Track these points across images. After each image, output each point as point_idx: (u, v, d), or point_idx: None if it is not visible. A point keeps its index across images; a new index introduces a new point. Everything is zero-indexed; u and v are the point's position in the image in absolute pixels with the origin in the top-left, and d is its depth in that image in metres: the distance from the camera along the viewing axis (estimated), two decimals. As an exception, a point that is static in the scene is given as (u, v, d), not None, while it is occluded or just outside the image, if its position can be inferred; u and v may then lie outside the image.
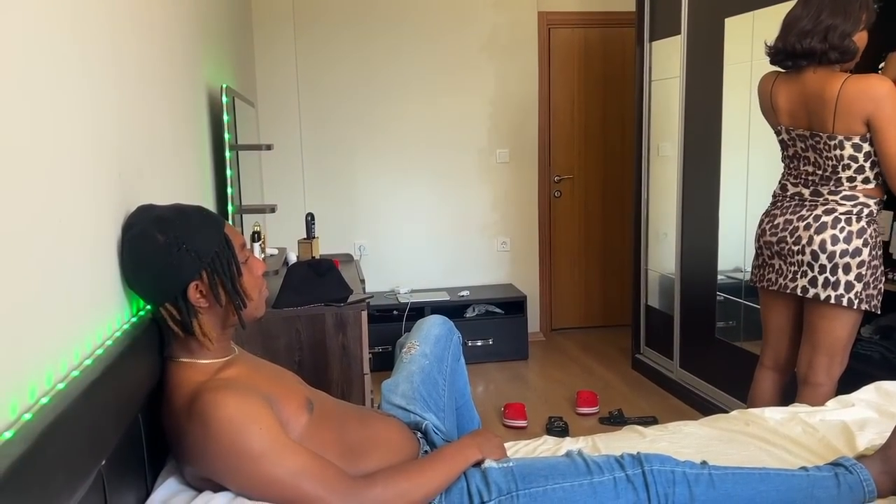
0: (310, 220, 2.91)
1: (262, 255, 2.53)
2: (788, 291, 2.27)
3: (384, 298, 4.34)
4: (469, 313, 4.34)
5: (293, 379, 1.46)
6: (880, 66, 2.53)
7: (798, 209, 2.26)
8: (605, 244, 4.95)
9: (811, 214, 2.21)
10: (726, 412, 3.22)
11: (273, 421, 1.23)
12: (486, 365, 4.26)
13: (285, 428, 1.26)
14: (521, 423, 3.34)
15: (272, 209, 2.52)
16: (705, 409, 3.41)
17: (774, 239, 2.30)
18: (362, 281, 2.96)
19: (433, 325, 1.84)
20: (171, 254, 1.25)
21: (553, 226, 4.86)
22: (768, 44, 2.27)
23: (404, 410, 1.62)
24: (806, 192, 2.26)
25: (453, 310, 4.31)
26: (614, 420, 3.35)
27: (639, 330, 4.13)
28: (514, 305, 4.38)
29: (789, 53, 2.19)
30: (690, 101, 3.46)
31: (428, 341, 1.79)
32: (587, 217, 4.91)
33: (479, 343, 4.28)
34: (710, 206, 3.34)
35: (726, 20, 3.13)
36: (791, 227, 2.25)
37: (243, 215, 2.49)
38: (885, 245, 2.55)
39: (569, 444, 1.72)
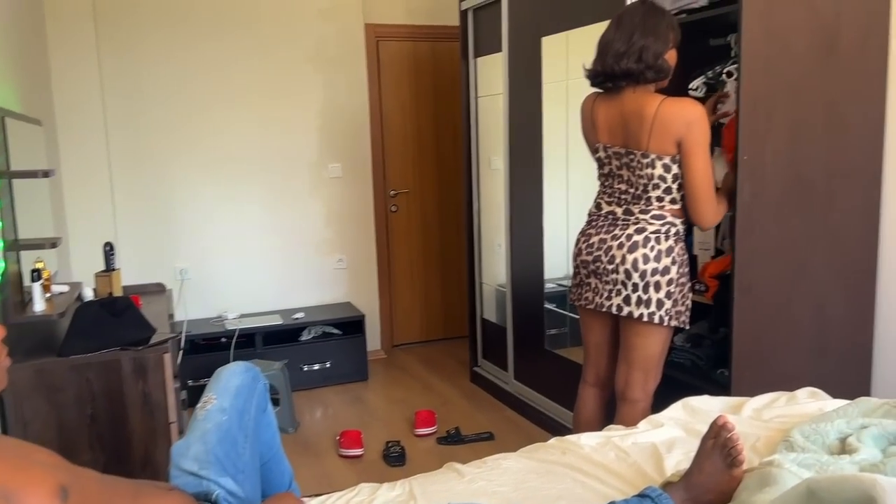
0: (108, 250, 2.62)
1: (48, 295, 2.23)
2: (604, 310, 2.31)
3: (210, 326, 4.05)
4: (305, 336, 4.15)
5: (46, 460, 1.23)
6: (691, 87, 2.66)
7: (612, 228, 2.31)
8: (443, 257, 4.94)
9: (623, 233, 2.26)
10: (557, 422, 3.30)
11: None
12: (324, 389, 4.10)
13: (28, 527, 1.05)
14: (357, 451, 3.21)
15: (53, 244, 2.23)
16: (538, 420, 3.46)
17: (590, 258, 2.33)
18: (171, 316, 2.71)
19: (233, 375, 1.67)
20: None
21: (391, 241, 4.79)
22: (586, 66, 2.30)
23: (196, 477, 1.44)
24: (619, 210, 2.32)
25: (287, 333, 4.11)
26: (451, 440, 3.31)
27: (476, 343, 4.14)
28: (352, 325, 4.25)
29: (609, 75, 2.23)
30: (514, 117, 3.50)
31: (226, 393, 1.61)
32: (424, 231, 4.88)
33: (315, 367, 4.11)
34: (536, 218, 3.39)
35: (543, 39, 3.19)
36: (605, 247, 2.29)
37: (20, 252, 2.18)
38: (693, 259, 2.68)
39: (384, 493, 1.61)
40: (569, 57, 3.05)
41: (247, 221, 4.28)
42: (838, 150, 2.41)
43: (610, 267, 2.26)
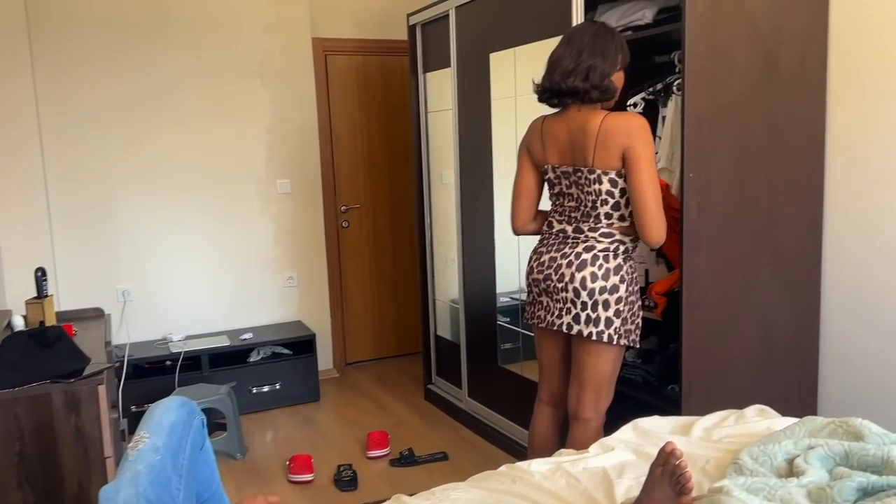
0: (40, 275, 2.50)
1: (-28, 326, 2.10)
2: (556, 328, 2.29)
3: (154, 349, 3.91)
4: (253, 357, 4.05)
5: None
6: (629, 103, 2.68)
7: (562, 246, 2.29)
8: (396, 272, 4.89)
9: (573, 252, 2.25)
10: (512, 440, 3.27)
11: None
12: (274, 412, 3.99)
13: None
14: (308, 476, 3.12)
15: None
16: (493, 438, 3.43)
17: (541, 276, 2.31)
18: (108, 343, 2.60)
19: (167, 411, 1.59)
20: None
21: (343, 257, 4.71)
22: (535, 82, 2.29)
23: (125, 523, 1.36)
24: (569, 228, 2.30)
25: (235, 355, 4.00)
26: (404, 461, 3.25)
27: (430, 360, 4.09)
28: (302, 344, 4.15)
29: (555, 91, 2.22)
30: (464, 132, 3.48)
31: (160, 431, 1.53)
32: (377, 246, 4.82)
33: (265, 389, 4.00)
34: (487, 233, 3.37)
35: (491, 55, 3.17)
36: (556, 265, 2.27)
37: (-60, 281, 2.06)
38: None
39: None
40: (517, 73, 3.04)
41: (192, 240, 4.16)
42: (780, 166, 2.45)
43: (560, 285, 2.24)
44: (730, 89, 2.32)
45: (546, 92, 2.26)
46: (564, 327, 2.25)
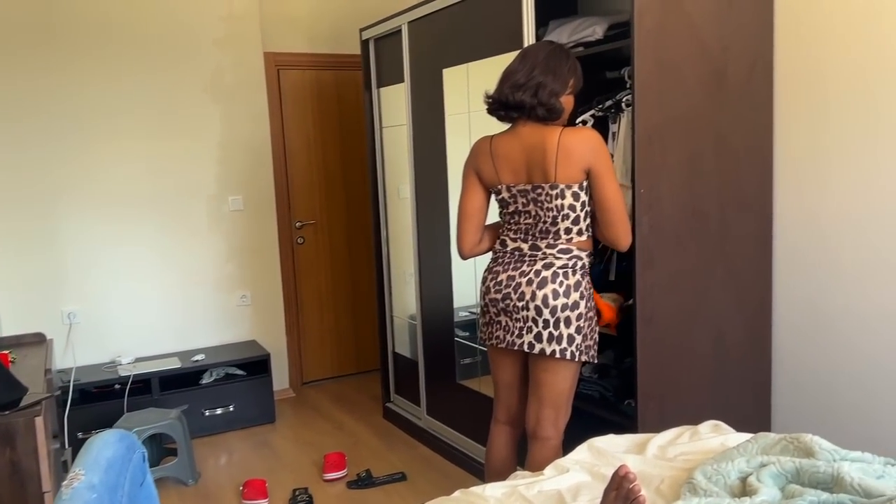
0: (-26, 302, 2.38)
1: None
2: (516, 348, 2.26)
3: (102, 372, 3.78)
4: (206, 379, 3.94)
5: None
6: (578, 120, 2.68)
7: (519, 264, 2.27)
8: (353, 288, 4.83)
9: (532, 269, 2.23)
10: (470, 458, 3.23)
11: None
12: (227, 435, 3.89)
13: None
14: (262, 502, 3.04)
15: None
16: (452, 456, 3.39)
17: (499, 296, 2.28)
18: (48, 370, 2.49)
19: (105, 446, 1.51)
20: None
21: (298, 274, 4.64)
22: (488, 94, 2.28)
23: (57, 568, 1.29)
24: (525, 246, 2.28)
25: (187, 377, 3.89)
26: (362, 483, 3.19)
27: (388, 378, 4.03)
28: (257, 364, 4.06)
29: (503, 103, 2.23)
30: (418, 148, 3.45)
31: (97, 468, 1.45)
32: (333, 262, 4.76)
33: (218, 412, 3.90)
34: (443, 247, 3.34)
35: (444, 71, 3.16)
36: (514, 284, 2.25)
37: None
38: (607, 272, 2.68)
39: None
40: (470, 89, 3.03)
41: (141, 259, 4.04)
42: (730, 180, 2.47)
43: (520, 304, 2.22)
44: (679, 104, 2.34)
45: (495, 103, 2.26)
46: (525, 346, 2.23)
